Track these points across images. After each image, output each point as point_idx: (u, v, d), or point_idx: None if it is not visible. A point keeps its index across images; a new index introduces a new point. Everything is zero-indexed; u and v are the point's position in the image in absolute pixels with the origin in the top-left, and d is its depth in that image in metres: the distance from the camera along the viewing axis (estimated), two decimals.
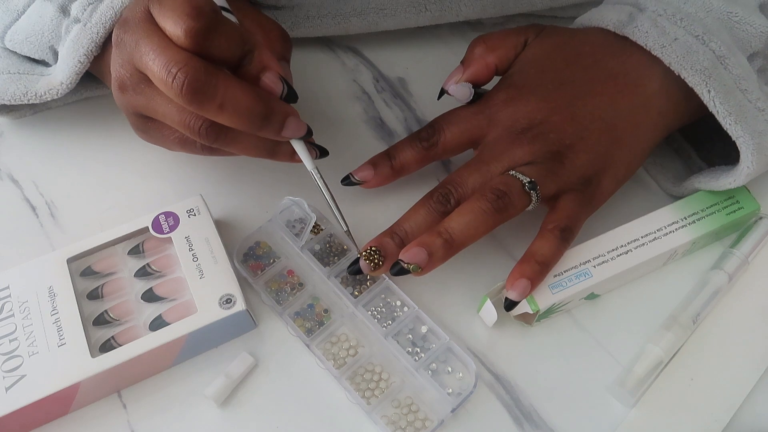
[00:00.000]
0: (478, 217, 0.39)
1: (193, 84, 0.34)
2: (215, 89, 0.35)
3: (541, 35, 0.46)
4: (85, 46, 0.43)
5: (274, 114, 0.38)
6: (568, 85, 0.44)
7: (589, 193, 0.42)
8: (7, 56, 0.48)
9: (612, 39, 0.44)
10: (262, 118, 0.37)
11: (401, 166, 0.46)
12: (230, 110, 0.36)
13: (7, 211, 0.49)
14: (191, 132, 0.38)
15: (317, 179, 0.42)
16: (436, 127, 0.45)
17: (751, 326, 0.44)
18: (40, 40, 0.45)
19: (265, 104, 0.37)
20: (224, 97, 0.35)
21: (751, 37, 0.43)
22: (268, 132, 0.38)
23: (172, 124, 0.38)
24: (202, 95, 0.35)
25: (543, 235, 0.41)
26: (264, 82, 0.38)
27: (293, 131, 0.39)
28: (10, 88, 0.46)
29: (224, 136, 0.38)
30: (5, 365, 0.39)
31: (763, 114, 0.42)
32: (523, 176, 0.40)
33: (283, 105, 0.38)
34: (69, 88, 0.45)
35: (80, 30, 0.43)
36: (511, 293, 0.40)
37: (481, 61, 0.46)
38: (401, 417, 0.40)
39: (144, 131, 0.41)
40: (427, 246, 0.39)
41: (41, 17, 0.45)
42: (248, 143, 0.40)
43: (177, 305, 0.42)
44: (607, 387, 0.42)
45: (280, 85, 0.38)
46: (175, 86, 0.34)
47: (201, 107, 0.35)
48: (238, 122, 0.36)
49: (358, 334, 0.43)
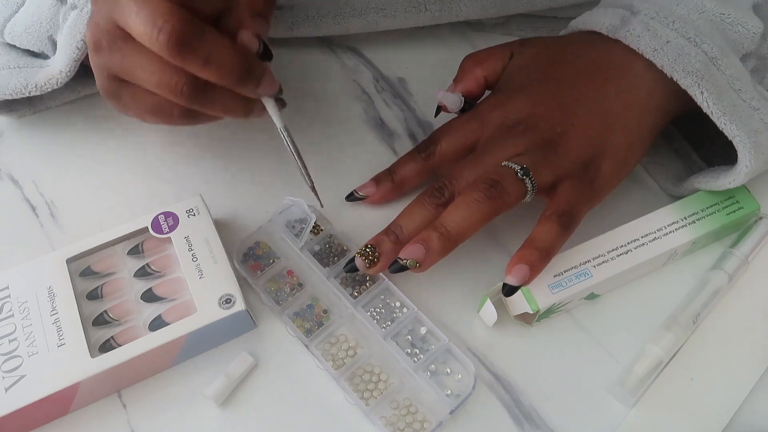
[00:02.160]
0: (472, 208, 0.39)
1: (180, 36, 0.34)
2: (201, 42, 0.35)
3: (526, 45, 0.47)
4: (82, 32, 0.42)
5: (253, 69, 0.37)
6: (554, 80, 0.44)
7: (588, 178, 0.42)
8: (7, 52, 0.48)
9: (595, 35, 0.45)
10: (244, 74, 0.37)
11: (402, 180, 0.47)
12: (215, 64, 0.35)
13: (7, 211, 0.49)
14: (170, 91, 0.37)
15: (285, 137, 0.41)
16: (432, 139, 0.46)
17: (751, 326, 0.43)
18: (38, 30, 0.45)
19: (247, 60, 0.37)
20: (209, 51, 0.35)
21: (743, 38, 0.43)
22: (247, 88, 0.38)
23: (150, 85, 0.37)
24: (189, 48, 0.34)
25: (541, 222, 0.40)
26: (241, 38, 0.37)
27: (268, 87, 0.39)
28: (11, 82, 0.46)
29: (204, 95, 0.37)
30: (5, 365, 0.39)
31: (758, 113, 0.42)
32: (515, 164, 0.40)
33: (260, 62, 0.38)
34: (68, 76, 0.44)
35: (77, 16, 0.42)
36: (510, 278, 0.40)
37: (471, 75, 0.47)
38: (400, 418, 0.40)
39: (117, 97, 0.39)
40: (424, 241, 0.40)
41: (39, 7, 0.45)
42: (225, 102, 0.39)
43: (176, 305, 0.42)
44: (607, 387, 0.42)
45: (256, 42, 0.38)
46: (160, 39, 0.34)
47: (186, 60, 0.35)
48: (221, 76, 0.36)
49: (357, 335, 0.43)
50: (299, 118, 0.52)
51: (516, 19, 0.56)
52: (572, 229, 0.41)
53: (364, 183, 0.47)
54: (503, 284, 0.40)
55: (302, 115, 0.53)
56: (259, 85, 0.38)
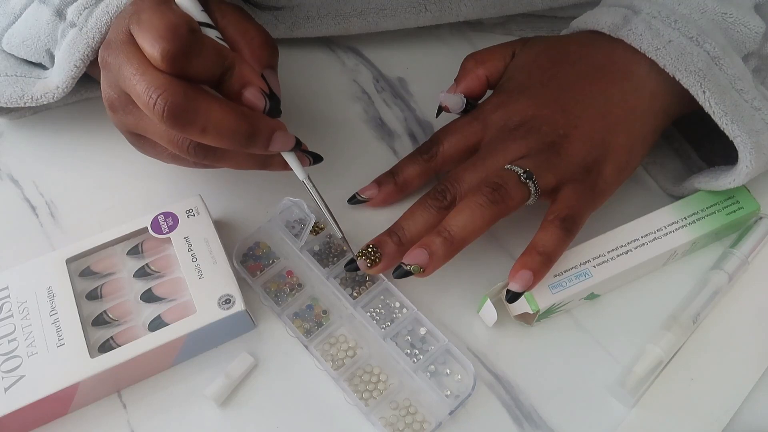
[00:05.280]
0: (475, 212, 0.39)
1: (173, 109, 0.34)
2: (196, 113, 0.35)
3: (528, 44, 0.47)
4: (80, 51, 0.43)
5: (258, 131, 0.37)
6: (556, 81, 0.44)
7: (591, 182, 0.42)
8: (5, 59, 0.48)
9: (598, 35, 0.45)
10: (247, 137, 0.37)
11: (404, 182, 0.46)
12: (213, 132, 0.35)
13: (7, 211, 0.49)
14: (180, 150, 0.38)
15: (310, 189, 0.41)
16: (434, 140, 0.46)
17: (751, 326, 0.43)
18: (36, 43, 0.45)
19: (249, 122, 0.36)
20: (206, 120, 0.35)
21: (745, 38, 0.43)
22: (255, 149, 0.38)
23: (162, 142, 0.38)
24: (183, 120, 0.35)
25: (543, 227, 0.40)
26: (246, 98, 0.37)
27: (281, 145, 0.39)
28: (6, 90, 0.46)
29: (213, 154, 0.38)
30: (4, 365, 0.39)
31: (759, 113, 0.42)
32: (518, 168, 0.40)
33: (268, 120, 0.38)
34: (65, 92, 0.45)
35: (76, 34, 0.43)
36: (513, 284, 0.40)
37: (473, 74, 0.47)
38: (399, 419, 0.40)
39: (139, 147, 0.42)
40: (428, 246, 0.39)
41: (37, 21, 0.45)
42: (238, 159, 0.40)
43: (176, 305, 0.42)
44: (607, 387, 0.42)
45: (262, 100, 0.37)
46: (156, 111, 0.34)
47: (183, 131, 0.35)
48: (223, 143, 0.36)
49: (357, 336, 0.43)
50: (299, 118, 0.52)
51: (516, 19, 0.56)
52: (574, 233, 0.41)
53: (366, 186, 0.47)
54: (506, 291, 0.40)
55: (302, 115, 0.53)
56: (269, 144, 0.38)
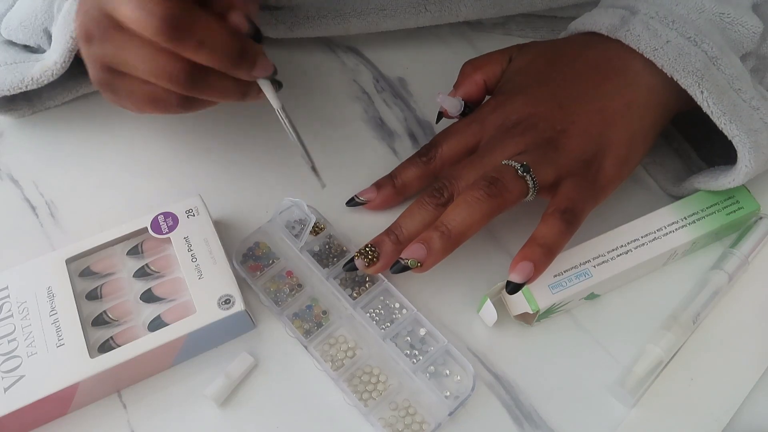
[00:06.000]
0: (473, 206, 0.39)
1: (172, 20, 0.33)
2: (193, 25, 0.34)
3: (524, 49, 0.47)
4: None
5: (246, 51, 0.37)
6: (553, 80, 0.44)
7: (591, 176, 0.42)
8: (4, 49, 0.48)
9: (595, 36, 0.45)
10: (238, 56, 0.36)
11: (403, 185, 0.46)
12: (208, 48, 0.35)
13: (7, 211, 0.49)
14: (166, 78, 0.36)
15: (283, 118, 0.41)
16: (433, 143, 0.46)
17: (751, 326, 0.43)
18: (33, 23, 0.45)
19: (240, 41, 0.36)
20: (203, 34, 0.34)
21: (743, 38, 0.44)
22: (242, 70, 0.37)
23: (144, 73, 0.36)
24: (182, 31, 0.34)
25: (544, 220, 0.40)
26: (231, 20, 0.37)
27: (263, 70, 0.38)
28: (7, 78, 0.46)
29: (199, 81, 0.37)
30: (4, 366, 0.39)
31: (757, 112, 0.42)
32: (515, 162, 0.40)
33: (253, 43, 0.38)
34: (64, 67, 0.44)
35: (71, 5, 0.42)
36: (513, 275, 0.39)
37: (470, 80, 0.47)
38: (398, 420, 0.40)
39: (113, 89, 0.39)
40: (426, 241, 0.40)
41: (34, 0, 0.45)
42: (222, 87, 0.38)
43: (176, 306, 0.42)
44: (607, 387, 0.42)
45: (246, 23, 0.37)
46: (153, 24, 0.33)
47: (180, 44, 0.34)
48: (216, 59, 0.35)
49: (357, 336, 0.43)
50: (299, 118, 0.52)
51: (516, 19, 0.56)
52: (575, 226, 0.40)
53: (365, 188, 0.47)
54: (507, 282, 0.40)
55: (302, 115, 0.53)
56: (254, 67, 0.38)
